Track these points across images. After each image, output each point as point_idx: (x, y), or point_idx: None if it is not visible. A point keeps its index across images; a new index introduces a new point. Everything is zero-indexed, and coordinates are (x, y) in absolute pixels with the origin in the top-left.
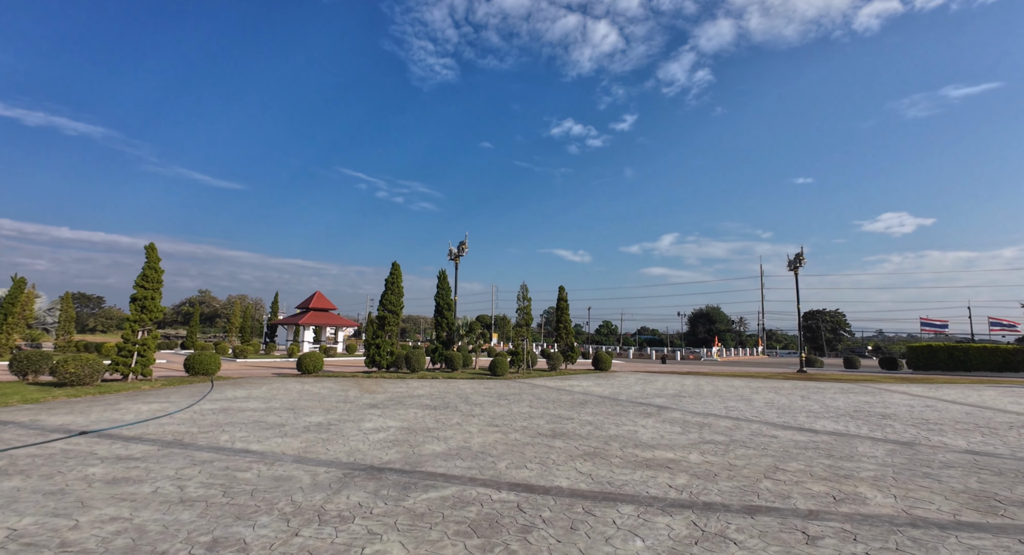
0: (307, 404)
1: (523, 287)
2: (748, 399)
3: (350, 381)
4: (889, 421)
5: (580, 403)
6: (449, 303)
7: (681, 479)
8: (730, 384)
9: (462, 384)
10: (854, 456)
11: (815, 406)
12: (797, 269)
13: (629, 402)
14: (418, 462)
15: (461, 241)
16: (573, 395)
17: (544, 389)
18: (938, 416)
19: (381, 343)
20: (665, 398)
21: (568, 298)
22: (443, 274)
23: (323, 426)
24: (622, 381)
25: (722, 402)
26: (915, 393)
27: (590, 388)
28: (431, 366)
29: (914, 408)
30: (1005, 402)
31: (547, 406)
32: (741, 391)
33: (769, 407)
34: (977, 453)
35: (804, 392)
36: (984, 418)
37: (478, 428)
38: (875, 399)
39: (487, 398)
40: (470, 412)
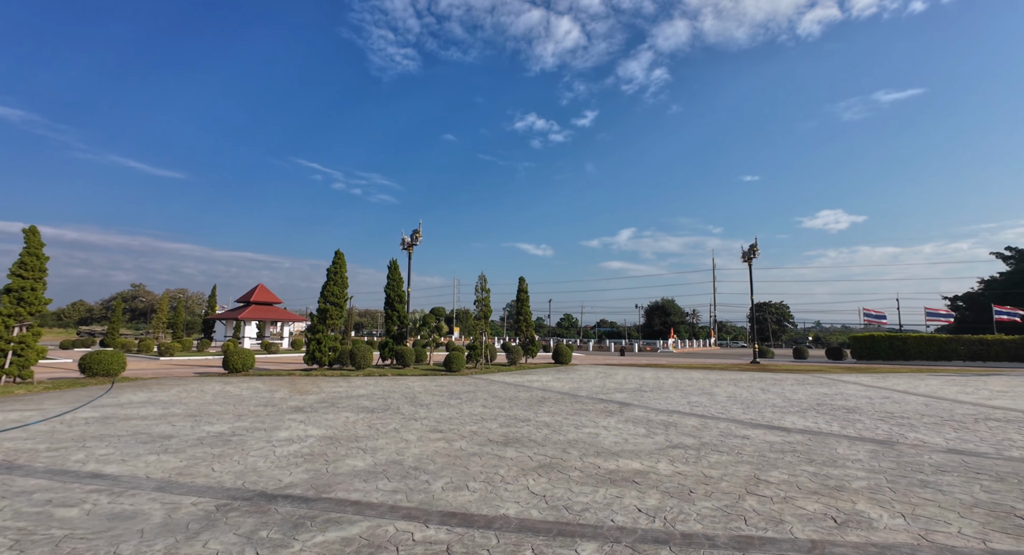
0: (217, 409)
1: (481, 278)
2: (710, 393)
3: (284, 380)
4: (856, 415)
5: (538, 401)
6: (401, 295)
7: (652, 499)
8: (689, 377)
9: (412, 382)
10: (837, 460)
11: (777, 400)
12: (751, 260)
13: (589, 399)
14: (328, 485)
15: (415, 229)
16: (531, 392)
17: (501, 386)
18: (900, 409)
19: (322, 338)
20: (626, 393)
21: (529, 290)
22: (394, 264)
23: (223, 437)
24: (582, 375)
25: (684, 397)
26: (866, 383)
27: (550, 383)
28: (381, 362)
29: (873, 400)
30: (954, 391)
31: (502, 405)
32: (701, 384)
33: (732, 401)
34: (962, 453)
35: (763, 384)
36: (945, 410)
37: (418, 435)
38: (832, 390)
39: (437, 397)
40: (413, 415)
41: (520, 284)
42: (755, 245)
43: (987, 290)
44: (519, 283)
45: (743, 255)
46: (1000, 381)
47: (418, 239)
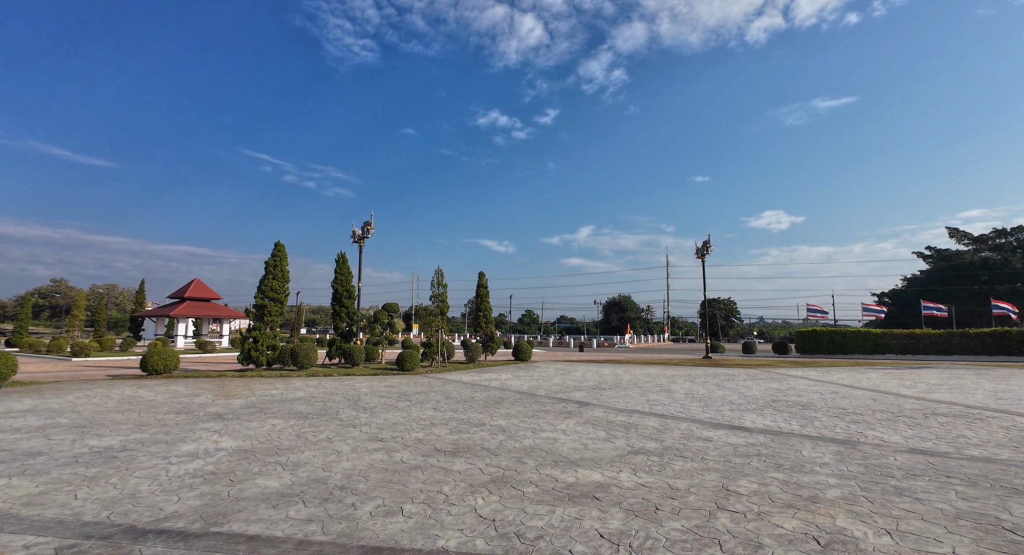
0: (117, 418)
1: (438, 272)
2: (668, 390)
3: (211, 383)
4: (811, 412)
5: (495, 402)
6: (350, 290)
7: (615, 520)
8: (646, 372)
9: (359, 382)
10: (804, 465)
11: (733, 396)
12: (704, 257)
13: (549, 398)
14: (223, 514)
15: (366, 222)
16: (489, 392)
17: (457, 385)
18: (852, 405)
19: (259, 336)
20: (585, 391)
21: (490, 286)
22: (342, 258)
23: (108, 453)
24: (542, 372)
25: (643, 394)
26: (814, 378)
27: (508, 382)
28: (327, 362)
29: (824, 396)
30: (894, 385)
31: (456, 408)
32: (658, 380)
33: (691, 399)
34: (924, 452)
35: (717, 380)
36: (893, 405)
37: (354, 445)
38: (784, 386)
39: (384, 400)
40: (353, 421)
41: (480, 279)
42: (708, 242)
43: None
44: (479, 278)
45: (696, 252)
46: (932, 374)
47: (370, 232)
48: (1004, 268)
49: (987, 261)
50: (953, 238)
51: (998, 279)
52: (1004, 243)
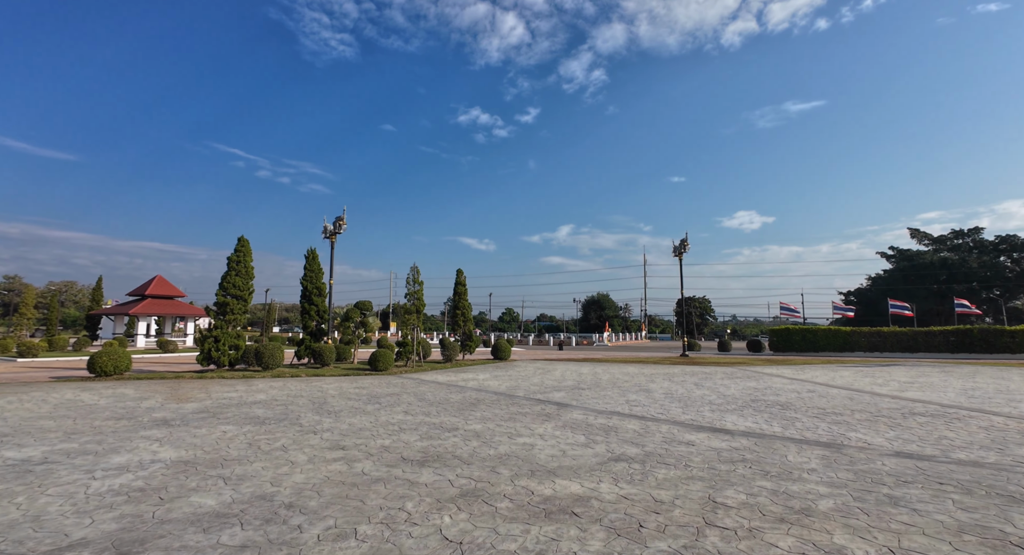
0: (47, 425)
1: (413, 269)
2: (647, 389)
3: (165, 385)
4: (791, 413)
5: (471, 404)
6: (320, 287)
7: (596, 540)
8: (625, 371)
9: (327, 383)
10: (792, 471)
11: (712, 396)
12: (681, 255)
13: (527, 399)
14: (142, 540)
15: (339, 216)
16: (465, 393)
17: (432, 386)
18: (830, 404)
19: (221, 335)
20: (564, 392)
21: (472, 285)
22: (312, 254)
23: (23, 467)
24: (520, 371)
25: (622, 395)
26: (788, 376)
27: (486, 382)
28: (296, 362)
29: (801, 394)
30: (866, 383)
31: (428, 411)
32: (637, 379)
33: (670, 399)
34: (911, 456)
35: (695, 379)
36: (870, 404)
37: (311, 455)
38: (761, 385)
39: (352, 403)
40: (314, 426)
41: (458, 276)
42: (685, 240)
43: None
44: (457, 275)
45: (674, 250)
46: (901, 372)
47: (342, 227)
48: (961, 268)
49: (946, 261)
50: (915, 239)
51: (955, 278)
52: (961, 244)
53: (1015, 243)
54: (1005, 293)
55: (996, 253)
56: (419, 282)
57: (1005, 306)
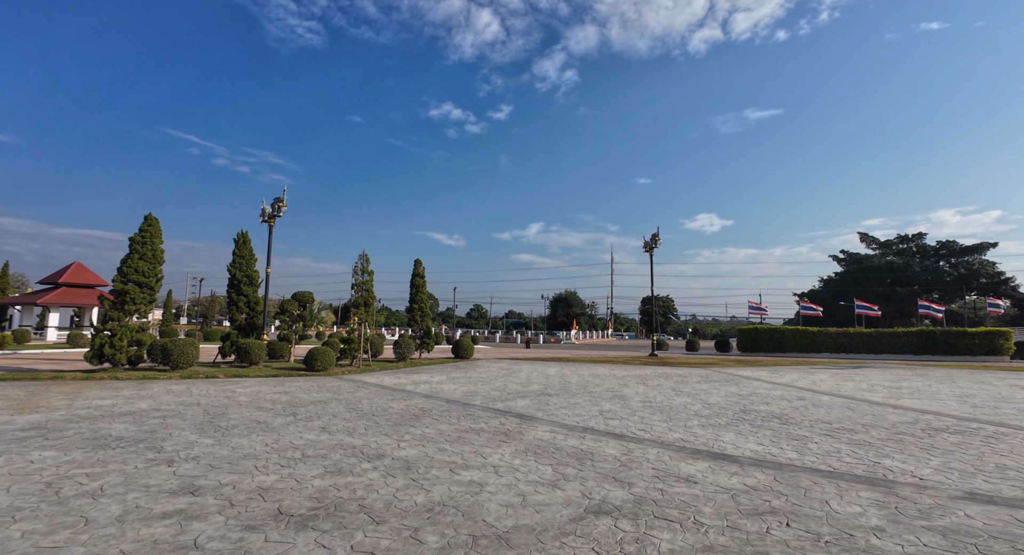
0: None
1: (362, 257)
2: (621, 396)
3: (24, 388)
4: (795, 428)
5: (413, 416)
6: (252, 276)
7: None
8: (595, 372)
9: (244, 387)
10: (850, 531)
11: (696, 405)
12: (652, 250)
13: (484, 410)
14: None
15: (278, 198)
16: (411, 400)
17: (373, 391)
18: (831, 416)
19: (117, 329)
20: (529, 399)
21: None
22: (242, 237)
23: None
24: (482, 373)
25: (595, 403)
26: (767, 379)
27: (440, 386)
28: (220, 360)
29: (793, 403)
30: (851, 388)
31: (355, 426)
32: (609, 382)
33: (649, 409)
34: (993, 500)
35: (671, 382)
36: (877, 416)
37: (134, 504)
38: (743, 390)
39: (259, 414)
40: (178, 452)
41: (416, 267)
42: (657, 235)
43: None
44: (415, 266)
45: (645, 245)
46: (876, 375)
47: (281, 210)
48: (905, 272)
49: (892, 265)
50: (864, 242)
51: (900, 281)
52: (905, 248)
53: (954, 249)
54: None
55: (937, 258)
56: (368, 272)
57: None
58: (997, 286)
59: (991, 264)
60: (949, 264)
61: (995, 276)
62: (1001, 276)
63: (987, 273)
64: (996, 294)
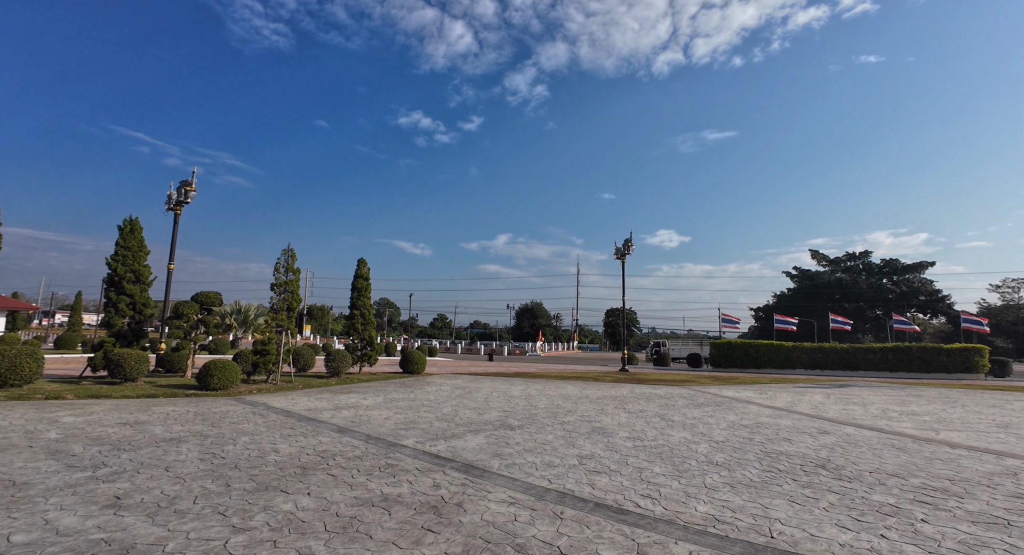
0: None
1: (286, 252)
2: (602, 429)
3: None
4: (861, 489)
5: (302, 469)
6: (139, 272)
7: None
8: (565, 392)
9: (82, 412)
10: None
11: (702, 445)
12: (624, 257)
13: (416, 455)
14: None
15: (185, 181)
16: (316, 436)
17: (273, 420)
18: (890, 463)
19: None
20: (484, 435)
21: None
22: (131, 223)
23: None
24: (431, 393)
25: (570, 442)
26: (761, 402)
27: (368, 413)
28: (90, 373)
29: (820, 440)
30: (863, 415)
31: (185, 493)
32: (583, 407)
33: (644, 452)
34: None
35: (656, 408)
36: (951, 464)
37: None
38: (743, 419)
39: (42, 463)
40: None
41: (358, 268)
42: (629, 240)
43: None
44: (357, 267)
45: (616, 252)
46: (869, 394)
47: (190, 196)
48: (853, 288)
49: (840, 281)
50: (814, 259)
51: (847, 297)
52: (853, 266)
53: (896, 267)
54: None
55: (880, 275)
56: (294, 270)
57: (888, 324)
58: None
59: (929, 282)
60: (891, 281)
61: (932, 294)
62: (938, 294)
63: (925, 291)
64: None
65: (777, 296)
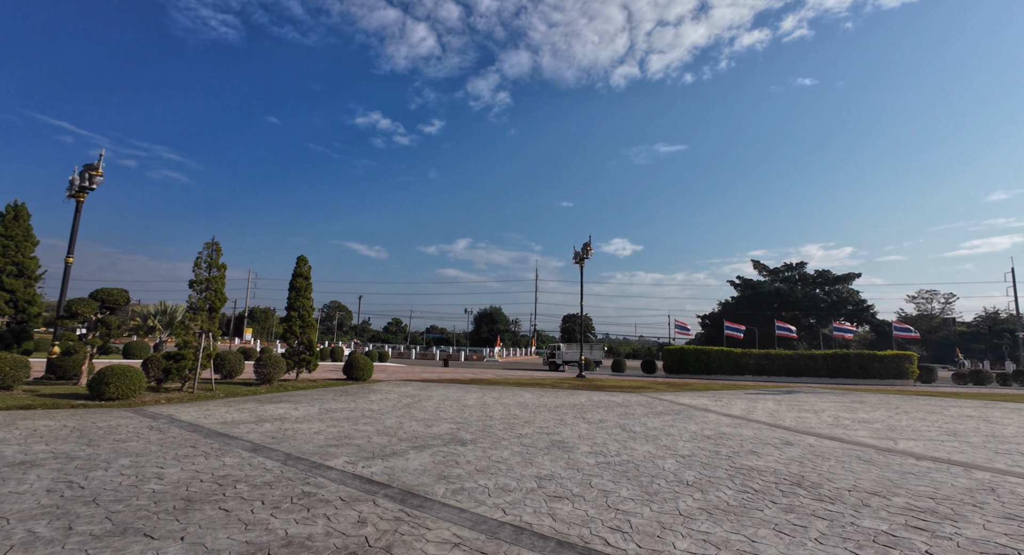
0: None
1: (209, 246)
2: (562, 443)
3: None
4: (847, 512)
5: (184, 503)
6: (22, 265)
7: None
8: (522, 400)
9: None
10: None
11: (668, 460)
12: (583, 261)
13: (342, 480)
14: None
15: (89, 164)
16: (222, 457)
17: (174, 436)
18: (863, 478)
19: None
20: (430, 452)
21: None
22: (14, 210)
23: None
24: (375, 402)
25: (527, 460)
26: (717, 410)
27: (294, 427)
28: None
29: (786, 452)
30: (817, 423)
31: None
32: (541, 417)
33: (609, 472)
34: None
35: (616, 417)
36: (924, 478)
37: None
38: (707, 429)
39: None
40: None
41: (298, 266)
42: (588, 244)
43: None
44: (297, 265)
45: (575, 256)
46: (818, 402)
47: (94, 182)
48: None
49: (779, 291)
50: (756, 270)
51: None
52: (790, 276)
53: (828, 278)
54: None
55: (814, 285)
56: (219, 266)
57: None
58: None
59: (856, 293)
60: (823, 291)
61: (859, 303)
62: (864, 304)
63: (853, 301)
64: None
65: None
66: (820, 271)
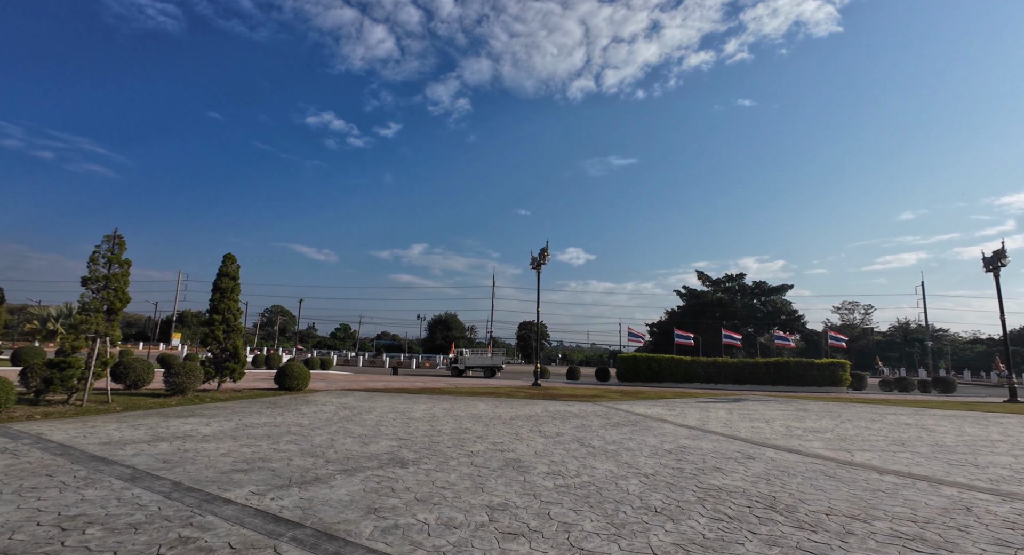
0: None
1: (109, 238)
2: (517, 461)
3: None
4: (834, 546)
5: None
6: None
7: None
8: (475, 411)
9: None
10: None
11: (631, 481)
12: (540, 266)
13: (238, 520)
14: None
15: None
16: (84, 489)
17: (34, 458)
18: (834, 498)
19: None
20: (362, 478)
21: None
22: None
23: None
24: (306, 416)
25: (479, 485)
26: (675, 420)
27: (194, 448)
28: None
29: (750, 469)
30: (770, 433)
31: None
32: (495, 431)
33: (569, 497)
34: None
35: (573, 429)
36: (896, 496)
37: None
38: (666, 443)
39: None
40: None
41: (224, 265)
42: (545, 249)
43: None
44: (223, 263)
45: (532, 262)
46: (766, 410)
47: None
48: (730, 307)
49: (721, 300)
50: (700, 280)
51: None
52: (731, 286)
53: (765, 289)
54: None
55: (752, 296)
56: (122, 263)
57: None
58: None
59: (789, 303)
60: (760, 302)
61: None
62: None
63: (786, 311)
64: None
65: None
66: (757, 282)
